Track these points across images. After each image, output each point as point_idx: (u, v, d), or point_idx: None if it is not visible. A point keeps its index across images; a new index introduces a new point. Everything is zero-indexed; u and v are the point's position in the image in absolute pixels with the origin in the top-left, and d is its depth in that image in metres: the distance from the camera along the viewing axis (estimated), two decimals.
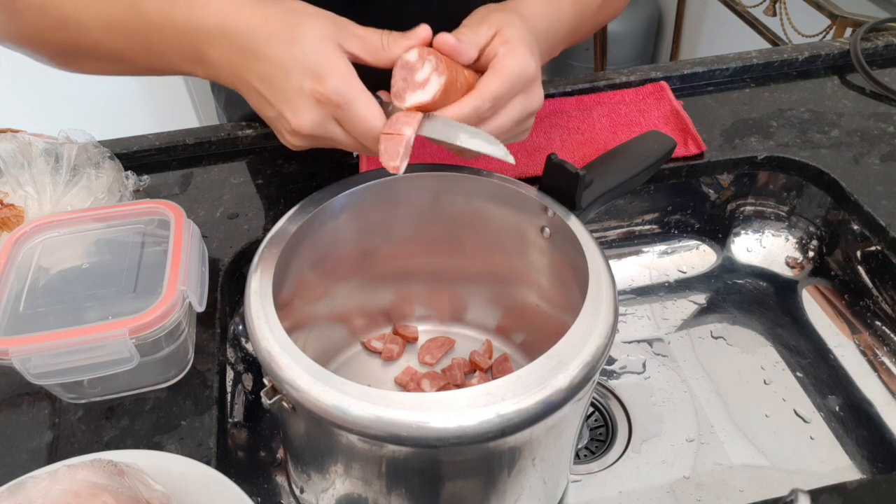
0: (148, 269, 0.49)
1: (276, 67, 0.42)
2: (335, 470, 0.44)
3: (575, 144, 0.69)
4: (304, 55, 0.41)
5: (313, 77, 0.41)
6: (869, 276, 0.65)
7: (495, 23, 0.46)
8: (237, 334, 0.61)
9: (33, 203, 0.55)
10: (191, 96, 1.78)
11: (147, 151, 0.70)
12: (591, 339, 0.39)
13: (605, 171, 0.52)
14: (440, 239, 0.56)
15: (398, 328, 0.63)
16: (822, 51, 0.78)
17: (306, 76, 0.41)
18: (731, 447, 0.60)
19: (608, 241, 0.74)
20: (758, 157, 0.69)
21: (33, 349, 0.43)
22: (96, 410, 0.49)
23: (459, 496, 0.44)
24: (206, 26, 0.44)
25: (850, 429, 0.61)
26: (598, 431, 0.63)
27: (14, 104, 1.54)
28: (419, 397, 0.36)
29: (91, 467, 0.37)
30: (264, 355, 0.39)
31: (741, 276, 0.74)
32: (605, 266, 0.44)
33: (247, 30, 0.43)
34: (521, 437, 0.39)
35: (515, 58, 0.45)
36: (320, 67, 0.41)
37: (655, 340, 0.69)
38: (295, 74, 0.42)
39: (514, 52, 0.45)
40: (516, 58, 0.45)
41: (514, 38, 0.45)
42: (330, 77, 0.41)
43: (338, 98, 0.41)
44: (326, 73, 0.41)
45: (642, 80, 0.76)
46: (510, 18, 0.47)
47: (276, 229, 0.47)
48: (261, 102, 0.45)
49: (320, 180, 0.68)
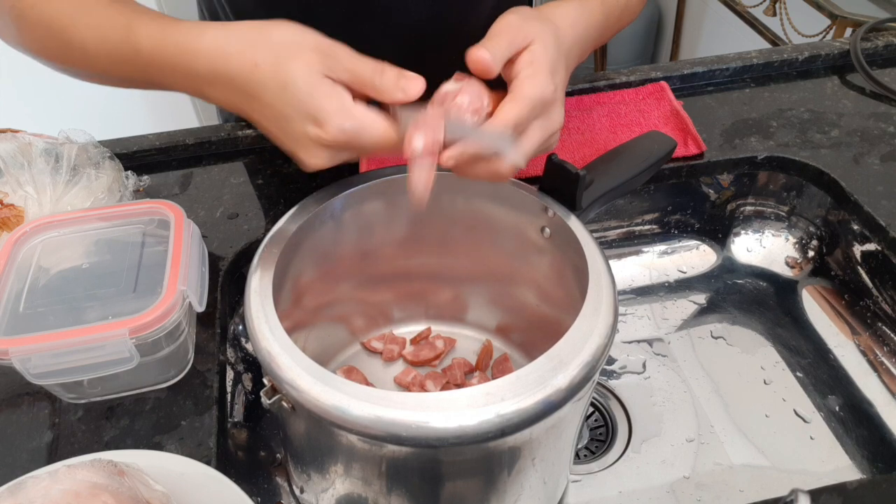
0: (148, 269, 0.49)
1: (277, 112, 0.42)
2: (335, 470, 0.44)
3: (575, 144, 0.69)
4: (298, 101, 0.41)
5: (314, 122, 0.41)
6: (869, 276, 0.65)
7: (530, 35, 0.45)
8: (237, 334, 0.61)
9: (33, 203, 0.55)
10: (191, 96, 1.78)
11: (147, 151, 0.70)
12: (591, 339, 0.39)
13: (606, 172, 0.52)
14: (440, 239, 0.56)
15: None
16: (822, 51, 0.78)
17: (307, 122, 0.41)
18: (731, 447, 0.60)
19: (608, 241, 0.74)
20: (758, 157, 0.69)
21: (33, 349, 0.43)
22: (96, 410, 0.49)
23: (459, 496, 0.44)
24: (200, 71, 0.44)
25: (850, 429, 0.61)
26: (598, 431, 0.63)
27: (14, 104, 1.54)
28: (419, 397, 0.36)
29: (91, 467, 0.37)
30: (264, 355, 0.39)
31: (741, 276, 0.74)
32: (605, 266, 0.44)
33: (239, 75, 0.42)
34: (521, 437, 0.39)
35: (535, 83, 0.44)
36: (317, 112, 0.41)
37: (655, 340, 0.69)
38: (296, 121, 0.41)
39: (536, 76, 0.44)
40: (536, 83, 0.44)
41: (540, 61, 0.45)
42: (329, 120, 0.41)
43: (343, 137, 0.41)
44: (324, 116, 0.41)
45: (642, 80, 0.75)
46: (543, 34, 0.46)
47: (276, 229, 0.47)
48: (271, 136, 0.45)
49: (320, 180, 0.68)
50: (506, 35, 0.45)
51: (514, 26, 0.45)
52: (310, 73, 0.41)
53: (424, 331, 0.64)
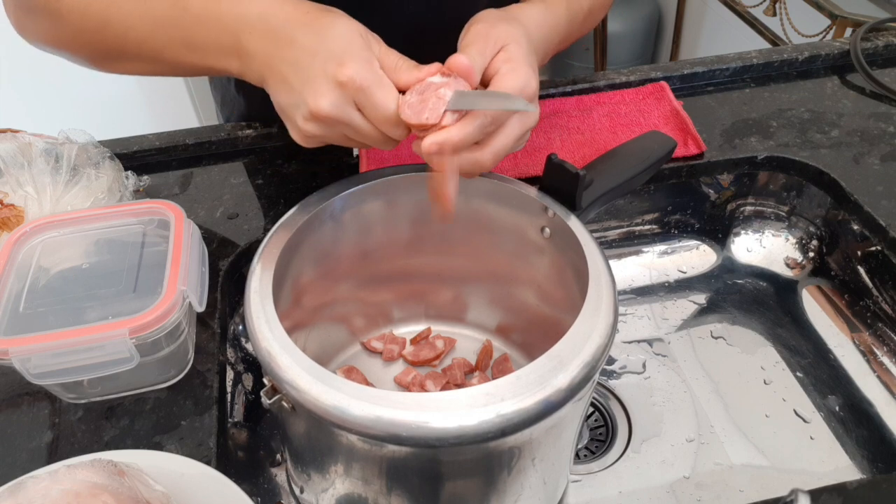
0: (148, 269, 0.49)
1: (304, 52, 0.44)
2: (335, 470, 0.44)
3: (575, 144, 0.69)
4: (332, 41, 0.43)
5: (337, 61, 0.43)
6: (869, 276, 0.65)
7: (501, 38, 0.47)
8: (237, 334, 0.61)
9: (33, 203, 0.55)
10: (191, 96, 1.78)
11: (147, 151, 0.70)
12: (591, 339, 0.39)
13: (605, 171, 0.52)
14: (440, 239, 0.56)
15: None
16: (822, 51, 0.78)
17: (330, 60, 0.43)
18: (731, 447, 0.60)
19: (608, 241, 0.74)
20: (758, 157, 0.69)
21: (33, 349, 0.43)
22: (96, 410, 0.49)
23: (459, 496, 0.44)
24: (249, 16, 0.46)
25: (850, 429, 0.61)
26: (598, 431, 0.63)
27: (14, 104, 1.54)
28: (419, 397, 0.36)
29: (91, 467, 0.37)
30: (264, 355, 0.39)
31: (741, 276, 0.74)
32: (605, 266, 0.44)
33: (284, 19, 0.45)
34: (521, 437, 0.39)
35: (517, 77, 0.45)
36: (344, 53, 0.43)
37: (655, 340, 0.69)
38: (320, 57, 0.43)
39: (516, 71, 0.45)
40: (517, 77, 0.45)
41: (518, 57, 0.46)
42: (352, 61, 0.42)
43: (360, 81, 0.42)
44: (349, 57, 0.43)
45: (642, 80, 0.76)
46: (516, 34, 0.47)
47: (276, 229, 0.47)
48: (283, 89, 0.46)
49: (320, 180, 0.68)
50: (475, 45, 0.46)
51: (482, 35, 0.47)
52: (351, 30, 0.44)
53: (424, 331, 0.64)
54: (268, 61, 0.46)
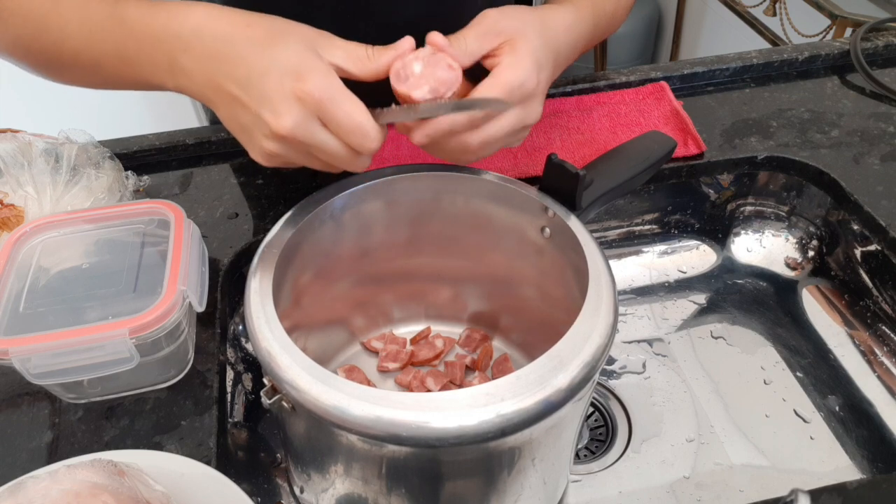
0: (148, 269, 0.49)
1: (253, 69, 0.41)
2: (335, 470, 0.44)
3: (575, 144, 0.69)
4: (283, 54, 0.40)
5: (294, 75, 0.40)
6: (869, 276, 0.65)
7: (508, 31, 0.46)
8: (237, 334, 0.61)
9: (33, 203, 0.55)
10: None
11: (147, 151, 0.70)
12: (591, 339, 0.39)
13: (605, 171, 0.52)
14: (440, 239, 0.56)
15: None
16: (822, 51, 0.78)
17: (286, 75, 0.40)
18: (731, 447, 0.60)
19: (608, 241, 0.74)
20: (758, 157, 0.69)
21: (33, 349, 0.43)
22: (96, 410, 0.49)
23: (459, 496, 0.44)
24: (182, 32, 0.43)
25: (850, 429, 0.61)
26: (598, 431, 0.63)
27: (14, 104, 1.54)
28: (419, 397, 0.36)
29: (91, 467, 0.37)
30: (264, 355, 0.39)
31: (741, 276, 0.74)
32: (605, 266, 0.44)
33: (223, 35, 0.42)
34: (521, 437, 0.39)
35: (516, 70, 0.44)
36: (301, 67, 0.40)
37: (655, 340, 0.69)
38: (274, 73, 0.40)
39: (518, 64, 0.44)
40: (517, 71, 0.44)
41: (523, 51, 0.45)
42: (311, 74, 0.40)
43: (320, 94, 0.40)
44: (307, 71, 0.40)
45: (642, 80, 0.75)
46: (526, 30, 0.46)
47: (276, 229, 0.47)
48: (235, 109, 0.43)
49: (320, 180, 0.68)
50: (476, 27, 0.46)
51: (489, 19, 0.46)
52: (302, 42, 0.41)
53: (424, 330, 0.64)
54: (211, 81, 0.43)
